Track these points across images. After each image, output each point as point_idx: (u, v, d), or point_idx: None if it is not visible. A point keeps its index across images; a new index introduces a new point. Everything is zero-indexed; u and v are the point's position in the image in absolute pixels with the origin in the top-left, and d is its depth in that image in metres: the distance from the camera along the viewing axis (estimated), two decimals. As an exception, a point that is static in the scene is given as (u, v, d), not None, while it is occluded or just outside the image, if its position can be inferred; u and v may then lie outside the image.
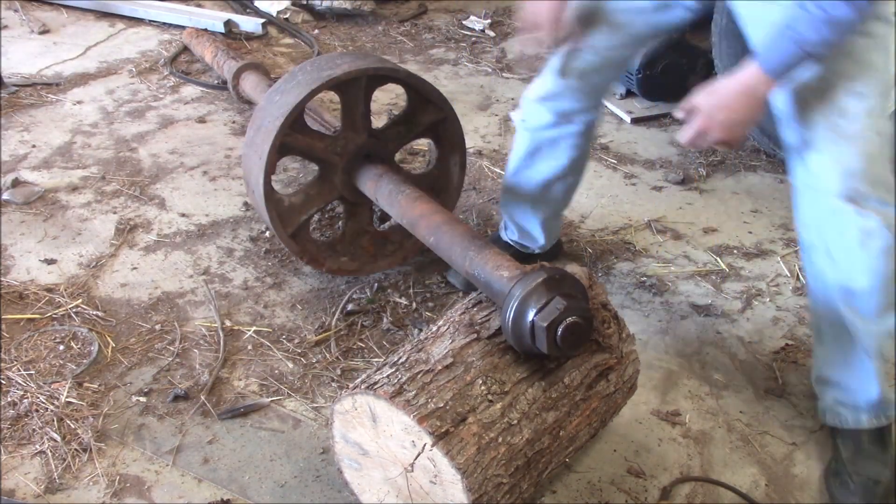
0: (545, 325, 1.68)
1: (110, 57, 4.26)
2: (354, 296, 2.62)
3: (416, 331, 2.47)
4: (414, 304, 2.59)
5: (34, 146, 3.41)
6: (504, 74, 4.28)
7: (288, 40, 4.63)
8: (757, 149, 3.50)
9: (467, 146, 2.80)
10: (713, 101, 1.74)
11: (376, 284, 2.66)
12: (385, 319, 2.52)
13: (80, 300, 2.54)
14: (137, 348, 2.38)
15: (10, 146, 3.39)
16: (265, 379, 2.29)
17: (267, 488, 1.98)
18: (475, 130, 3.69)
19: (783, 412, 2.24)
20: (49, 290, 2.58)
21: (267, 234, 2.89)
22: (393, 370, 1.72)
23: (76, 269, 2.69)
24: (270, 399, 2.22)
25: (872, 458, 1.98)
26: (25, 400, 2.16)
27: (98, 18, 4.73)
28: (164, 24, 4.65)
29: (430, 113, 2.61)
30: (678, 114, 1.83)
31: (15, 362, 2.29)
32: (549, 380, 1.79)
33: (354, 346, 2.43)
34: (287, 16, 4.84)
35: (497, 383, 1.72)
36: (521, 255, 2.63)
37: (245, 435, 2.13)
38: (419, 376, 1.69)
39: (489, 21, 4.91)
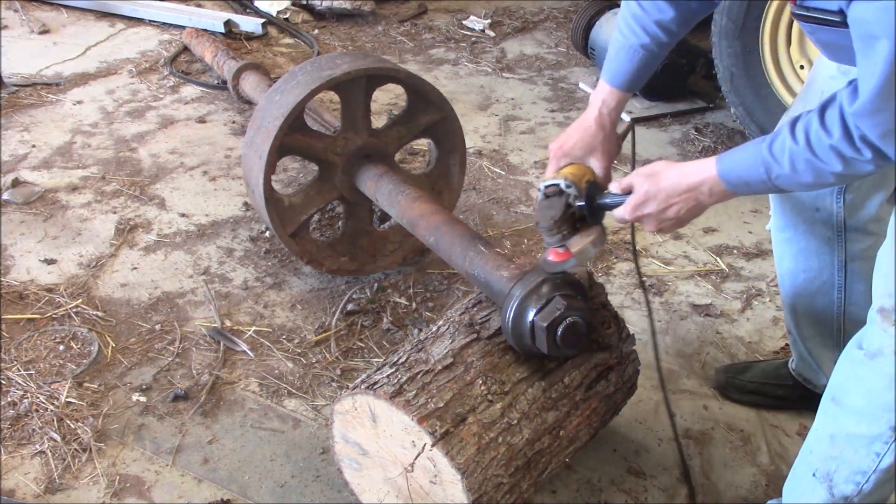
0: (545, 325, 1.68)
1: (110, 57, 4.26)
2: (354, 296, 2.62)
3: (416, 331, 2.47)
4: (414, 304, 2.59)
5: (34, 146, 3.41)
6: (504, 74, 4.28)
7: (288, 40, 4.63)
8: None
9: (467, 146, 2.80)
10: (654, 190, 1.54)
11: (376, 284, 2.66)
12: (385, 319, 2.52)
13: (80, 300, 2.54)
14: (137, 348, 2.38)
15: (10, 146, 3.39)
16: (265, 379, 2.30)
17: (267, 488, 1.98)
18: (475, 130, 3.69)
19: (783, 412, 2.24)
20: (49, 290, 2.58)
21: (267, 234, 2.89)
22: (393, 370, 1.72)
23: (76, 269, 2.69)
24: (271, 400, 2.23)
25: None
26: (25, 400, 2.16)
27: (98, 18, 4.73)
28: (164, 24, 4.65)
29: (429, 113, 2.62)
30: (612, 187, 1.65)
31: (15, 362, 2.29)
32: (549, 380, 1.79)
33: (354, 346, 2.43)
34: (287, 16, 4.84)
35: (497, 383, 1.72)
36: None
37: (245, 435, 2.12)
38: (419, 376, 1.69)
39: (489, 21, 4.91)
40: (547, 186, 1.69)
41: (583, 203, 1.65)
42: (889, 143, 1.25)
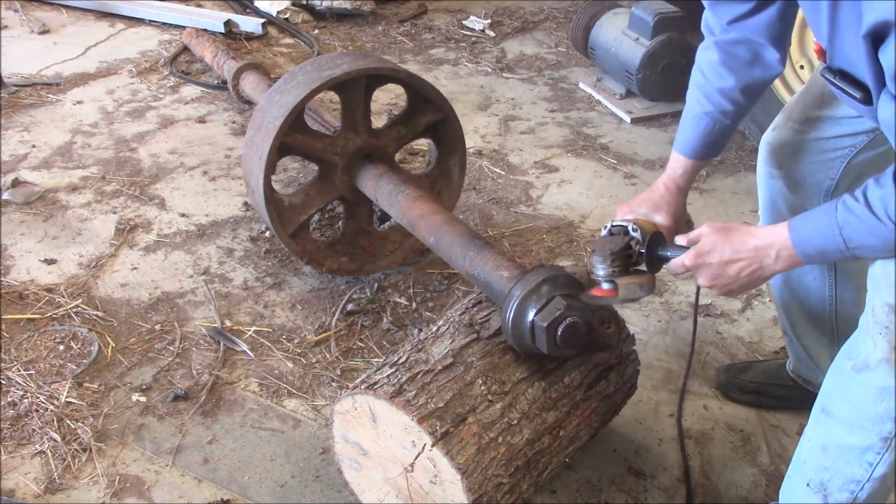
0: (545, 325, 1.68)
1: (110, 57, 4.26)
2: (354, 296, 2.62)
3: (416, 331, 2.47)
4: (414, 304, 2.59)
5: (34, 146, 3.41)
6: (504, 74, 4.27)
7: (288, 40, 4.63)
8: (757, 148, 3.50)
9: (467, 146, 2.80)
10: (722, 243, 1.51)
11: (376, 284, 2.66)
12: (385, 319, 2.52)
13: (80, 300, 2.54)
14: (137, 348, 2.38)
15: (10, 146, 3.39)
16: (265, 379, 2.30)
17: (267, 488, 1.98)
18: (475, 130, 3.69)
19: (783, 412, 2.24)
20: (49, 290, 2.58)
21: (267, 234, 2.89)
22: (393, 370, 1.72)
23: (76, 269, 2.69)
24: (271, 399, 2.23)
25: None
26: (25, 400, 2.16)
27: (98, 18, 4.73)
28: (164, 24, 4.65)
29: (429, 113, 2.62)
30: (679, 239, 1.63)
31: (15, 362, 2.29)
32: (549, 380, 1.79)
33: (354, 346, 2.43)
34: (287, 16, 4.84)
35: (497, 383, 1.72)
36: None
37: (245, 435, 2.12)
38: (419, 376, 1.69)
39: (489, 21, 4.91)
40: (614, 225, 1.70)
41: (643, 250, 1.64)
42: None
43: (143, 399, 2.21)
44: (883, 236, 1.31)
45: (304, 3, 4.89)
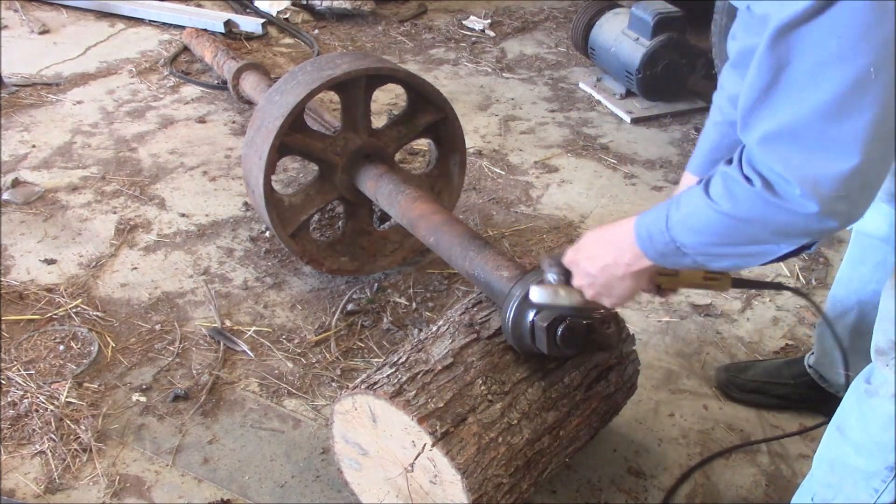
0: (545, 325, 1.68)
1: (110, 57, 4.26)
2: (354, 296, 2.62)
3: (416, 331, 2.47)
4: (414, 304, 2.59)
5: (34, 146, 3.41)
6: (504, 74, 4.27)
7: (288, 40, 4.63)
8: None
9: (467, 146, 2.80)
10: (590, 235, 1.45)
11: (376, 284, 2.66)
12: (385, 319, 2.52)
13: (80, 300, 2.54)
14: (137, 348, 2.38)
15: (10, 146, 3.39)
16: (265, 379, 2.30)
17: (267, 488, 1.98)
18: (475, 130, 3.69)
19: (783, 412, 2.24)
20: (49, 290, 2.58)
21: (267, 234, 2.89)
22: (393, 370, 1.72)
23: (76, 269, 2.69)
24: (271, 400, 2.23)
25: None
26: (25, 400, 2.16)
27: (98, 18, 4.73)
28: (164, 24, 4.65)
29: (429, 113, 2.62)
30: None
31: (15, 362, 2.29)
32: (549, 380, 1.79)
33: (354, 346, 2.43)
34: (287, 16, 4.84)
35: (497, 383, 1.72)
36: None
37: (245, 435, 2.12)
38: (419, 376, 1.69)
39: (489, 21, 4.91)
40: None
41: None
42: (770, 151, 1.09)
43: (143, 399, 2.21)
44: (700, 212, 1.20)
45: (304, 3, 4.89)
